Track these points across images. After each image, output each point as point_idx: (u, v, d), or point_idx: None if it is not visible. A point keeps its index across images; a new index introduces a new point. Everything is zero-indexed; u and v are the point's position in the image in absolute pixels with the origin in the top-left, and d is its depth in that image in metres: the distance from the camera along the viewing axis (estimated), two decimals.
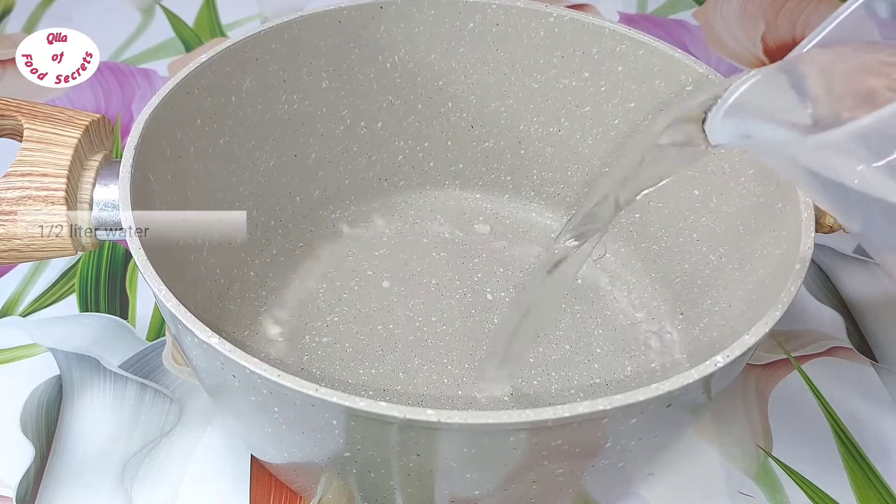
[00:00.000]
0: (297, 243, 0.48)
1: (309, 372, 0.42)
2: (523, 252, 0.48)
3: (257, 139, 0.45)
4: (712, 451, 0.43)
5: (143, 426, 0.43)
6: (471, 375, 0.42)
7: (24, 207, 0.34)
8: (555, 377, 0.42)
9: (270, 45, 0.43)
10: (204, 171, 0.42)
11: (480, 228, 0.50)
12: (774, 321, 0.31)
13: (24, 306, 0.48)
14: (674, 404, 0.30)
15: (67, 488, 0.40)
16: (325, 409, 0.28)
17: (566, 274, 0.37)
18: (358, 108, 0.48)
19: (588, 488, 0.35)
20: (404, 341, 0.43)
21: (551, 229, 0.50)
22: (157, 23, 0.71)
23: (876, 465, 0.42)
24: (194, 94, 0.40)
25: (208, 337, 0.29)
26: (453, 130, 0.50)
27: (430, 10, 0.46)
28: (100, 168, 0.36)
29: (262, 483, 0.41)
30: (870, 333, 0.49)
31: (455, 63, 0.48)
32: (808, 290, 0.51)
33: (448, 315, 0.45)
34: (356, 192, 0.50)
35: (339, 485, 0.36)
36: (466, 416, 0.27)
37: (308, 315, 0.44)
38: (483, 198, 0.51)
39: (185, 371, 0.45)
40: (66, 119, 0.36)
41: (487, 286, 0.46)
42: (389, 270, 0.47)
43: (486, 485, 0.32)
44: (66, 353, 0.46)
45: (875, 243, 0.26)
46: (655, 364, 0.43)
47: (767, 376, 0.46)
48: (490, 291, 0.46)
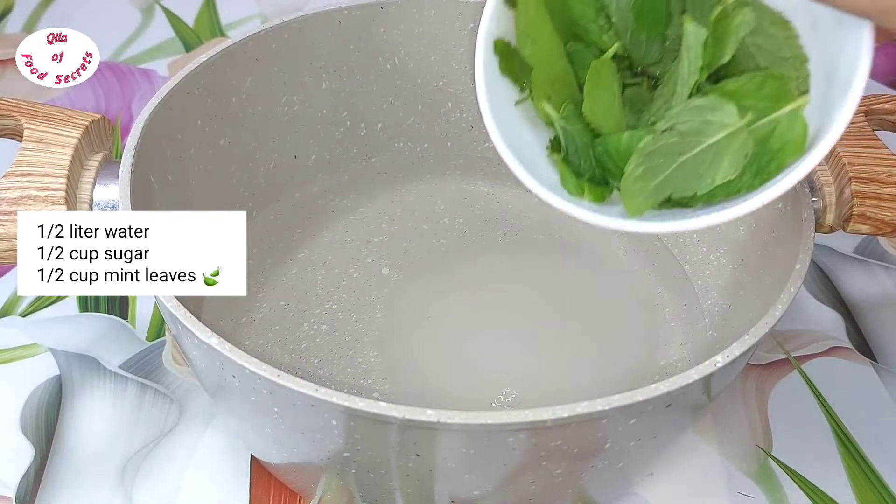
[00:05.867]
0: (295, 229, 0.48)
1: (307, 360, 0.42)
2: (525, 238, 0.48)
3: (257, 140, 0.45)
4: (712, 452, 0.43)
5: (143, 426, 0.43)
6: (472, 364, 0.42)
7: (24, 207, 0.34)
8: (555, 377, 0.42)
9: (270, 45, 0.43)
10: (204, 172, 0.42)
11: (481, 215, 0.50)
12: (774, 321, 0.31)
13: (24, 306, 0.48)
14: (673, 404, 0.30)
15: (67, 488, 0.40)
16: (324, 409, 0.28)
17: None
18: (358, 109, 0.48)
19: (587, 489, 0.35)
20: (404, 329, 0.43)
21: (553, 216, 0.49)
22: (157, 23, 0.71)
23: (875, 465, 0.42)
24: (194, 94, 0.40)
25: (208, 337, 0.29)
26: (453, 131, 0.50)
27: (430, 11, 0.46)
28: (100, 168, 0.36)
29: (262, 483, 0.41)
30: (870, 333, 0.49)
31: (455, 64, 0.48)
32: (808, 290, 0.51)
33: (449, 303, 0.45)
34: (356, 183, 0.50)
35: (339, 485, 0.36)
36: (466, 417, 0.27)
37: (306, 302, 0.44)
38: (484, 184, 0.51)
39: (185, 371, 0.45)
40: (66, 119, 0.36)
41: (488, 273, 0.46)
42: (389, 258, 0.47)
43: (486, 485, 0.32)
44: (65, 353, 0.46)
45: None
46: (656, 364, 0.43)
47: (767, 376, 0.46)
48: (491, 279, 0.46)
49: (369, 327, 0.43)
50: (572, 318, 0.45)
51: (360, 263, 0.46)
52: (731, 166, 0.27)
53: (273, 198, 0.48)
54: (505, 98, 0.32)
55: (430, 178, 0.51)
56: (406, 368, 0.41)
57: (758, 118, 0.27)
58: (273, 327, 0.43)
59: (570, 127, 0.31)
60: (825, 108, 0.27)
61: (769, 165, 0.27)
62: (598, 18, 0.31)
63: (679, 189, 0.28)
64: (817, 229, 0.37)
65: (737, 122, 0.27)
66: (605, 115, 0.30)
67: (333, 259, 0.47)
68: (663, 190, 0.28)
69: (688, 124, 0.27)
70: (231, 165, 0.44)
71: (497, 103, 0.31)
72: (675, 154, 0.28)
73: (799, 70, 0.28)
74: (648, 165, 0.28)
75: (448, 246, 0.48)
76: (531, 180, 0.30)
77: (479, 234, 0.48)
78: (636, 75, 0.32)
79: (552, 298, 0.45)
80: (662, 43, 0.31)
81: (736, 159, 0.27)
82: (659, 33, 0.31)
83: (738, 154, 0.27)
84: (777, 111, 0.27)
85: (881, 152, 0.38)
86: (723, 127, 0.27)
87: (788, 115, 0.27)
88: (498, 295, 0.45)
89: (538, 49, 0.31)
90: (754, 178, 0.27)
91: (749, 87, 0.27)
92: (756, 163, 0.27)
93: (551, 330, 0.44)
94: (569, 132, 0.31)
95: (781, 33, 0.28)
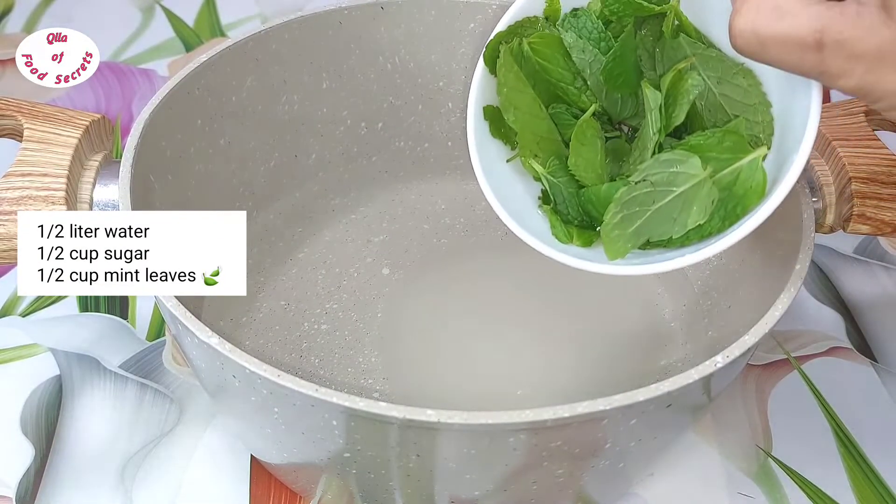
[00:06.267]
0: (295, 229, 0.48)
1: (307, 360, 0.42)
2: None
3: (257, 139, 0.45)
4: (712, 452, 0.42)
5: (143, 426, 0.43)
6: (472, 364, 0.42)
7: (24, 207, 0.34)
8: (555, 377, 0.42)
9: (270, 45, 0.43)
10: (204, 171, 0.42)
11: (482, 215, 0.49)
12: (774, 321, 0.31)
13: (24, 306, 0.48)
14: (674, 404, 0.30)
15: (67, 488, 0.40)
16: (324, 409, 0.28)
17: None
18: (358, 108, 0.48)
19: (588, 489, 0.35)
20: (405, 329, 0.43)
21: None
22: (157, 23, 0.71)
23: (875, 465, 0.42)
24: (194, 94, 0.40)
25: (208, 337, 0.29)
26: (454, 131, 0.50)
27: (430, 11, 0.46)
28: (100, 168, 0.36)
29: (262, 483, 0.41)
30: (870, 333, 0.49)
31: (455, 63, 0.48)
32: (808, 290, 0.51)
33: (449, 302, 0.45)
34: (356, 182, 0.50)
35: (339, 485, 0.36)
36: (466, 417, 0.27)
37: (307, 302, 0.44)
38: None
39: (185, 371, 0.45)
40: (66, 119, 0.36)
41: (489, 273, 0.46)
42: (389, 257, 0.47)
43: (486, 485, 0.32)
44: (66, 353, 0.46)
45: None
46: (656, 364, 0.43)
47: (767, 376, 0.46)
48: (492, 278, 0.46)
49: (370, 327, 0.43)
50: (572, 317, 0.45)
51: (360, 263, 0.46)
52: (700, 212, 0.30)
53: (273, 197, 0.48)
54: (496, 156, 0.36)
55: (431, 177, 0.51)
56: (407, 368, 0.41)
57: (720, 169, 0.30)
58: (273, 327, 0.43)
59: (556, 180, 0.35)
60: (783, 152, 0.30)
61: (735, 209, 0.30)
62: (575, 81, 0.35)
63: (655, 234, 0.31)
64: (817, 229, 0.37)
65: (701, 173, 0.30)
66: (589, 169, 0.34)
67: (334, 258, 0.47)
68: (641, 235, 0.31)
69: (658, 176, 0.30)
70: (231, 165, 0.44)
71: (488, 162, 0.35)
72: (648, 202, 0.31)
73: (764, 115, 0.31)
74: (626, 213, 0.31)
75: (449, 245, 0.48)
76: (523, 232, 0.33)
77: (479, 234, 0.48)
78: (615, 128, 0.36)
79: (552, 298, 0.45)
80: (636, 99, 0.35)
81: (704, 206, 0.30)
82: (631, 93, 0.35)
83: (705, 201, 0.30)
84: (737, 162, 0.30)
85: (881, 152, 0.38)
86: (689, 178, 0.30)
87: (749, 165, 0.30)
88: (498, 294, 0.45)
89: (521, 115, 0.35)
90: (723, 221, 0.30)
91: (711, 142, 0.31)
92: (723, 207, 0.30)
93: (551, 329, 0.44)
94: (555, 185, 0.35)
95: (745, 82, 0.31)
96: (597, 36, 0.34)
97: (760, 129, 0.31)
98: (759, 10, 0.25)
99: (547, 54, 0.35)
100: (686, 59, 0.32)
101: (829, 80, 0.25)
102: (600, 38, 0.34)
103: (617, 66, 0.33)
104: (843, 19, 0.24)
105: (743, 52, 0.26)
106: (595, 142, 0.34)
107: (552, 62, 0.35)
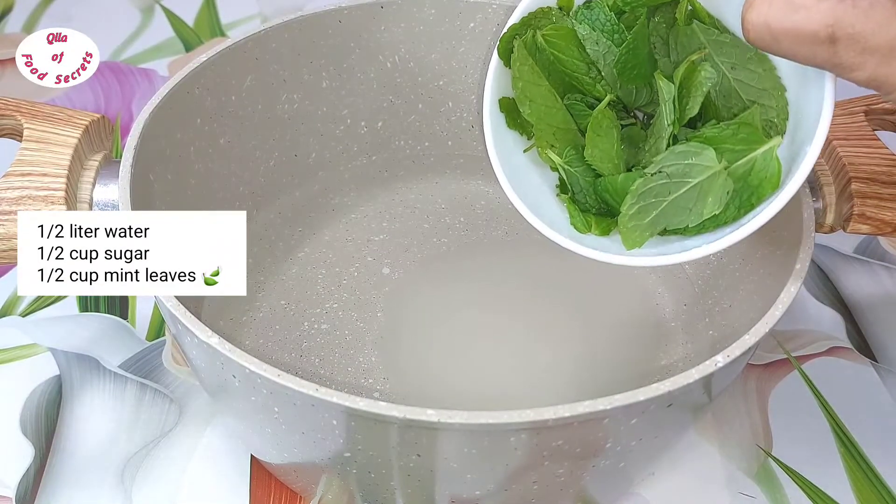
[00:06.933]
0: (295, 228, 0.48)
1: (308, 360, 0.42)
2: (526, 237, 0.48)
3: (257, 139, 0.45)
4: (713, 452, 0.43)
5: (143, 426, 0.43)
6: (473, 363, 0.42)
7: (24, 207, 0.34)
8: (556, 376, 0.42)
9: (270, 44, 0.43)
10: (204, 171, 0.42)
11: (482, 214, 0.49)
12: (774, 321, 0.31)
13: (24, 306, 0.48)
14: (674, 404, 0.30)
15: (67, 488, 0.40)
16: (325, 409, 0.28)
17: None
18: (358, 107, 0.48)
19: (589, 488, 0.35)
20: (405, 328, 0.43)
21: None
22: (157, 22, 0.71)
23: (875, 465, 0.42)
24: (194, 94, 0.40)
25: (208, 337, 0.29)
26: (454, 130, 0.50)
27: (430, 10, 0.46)
28: (100, 168, 0.36)
29: (262, 483, 0.41)
30: (870, 333, 0.49)
31: (455, 63, 0.48)
32: (808, 290, 0.51)
33: (450, 301, 0.45)
34: (356, 181, 0.50)
35: (339, 485, 0.36)
36: (467, 417, 0.27)
37: (307, 301, 0.44)
38: (484, 183, 0.51)
39: (185, 371, 0.45)
40: (66, 119, 0.36)
41: (489, 273, 0.46)
42: (390, 256, 0.47)
43: (487, 485, 0.32)
44: (65, 352, 0.46)
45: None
46: (656, 364, 0.43)
47: (767, 376, 0.46)
48: (492, 278, 0.46)
49: (370, 326, 0.43)
50: (573, 317, 0.45)
51: (360, 262, 0.46)
52: (716, 202, 0.31)
53: (273, 196, 0.48)
54: (512, 148, 0.37)
55: (431, 176, 0.51)
56: (407, 368, 0.41)
57: (734, 160, 0.31)
58: (273, 327, 0.43)
59: (573, 170, 0.35)
60: (797, 142, 0.30)
61: (750, 199, 0.30)
62: (589, 71, 0.35)
63: (671, 224, 0.32)
64: (817, 229, 0.37)
65: (716, 165, 0.30)
66: (605, 159, 0.34)
67: (334, 258, 0.46)
68: (657, 225, 0.32)
69: (674, 167, 0.31)
70: (231, 164, 0.44)
71: (505, 155, 0.36)
72: (664, 193, 0.31)
73: (779, 100, 0.31)
74: (642, 204, 0.32)
75: (449, 244, 0.48)
76: (540, 223, 0.34)
77: (479, 233, 0.48)
78: (630, 115, 0.36)
79: (553, 297, 0.45)
80: (651, 88, 0.35)
81: (719, 196, 0.30)
82: (645, 84, 0.35)
83: (721, 192, 0.30)
84: (751, 153, 0.30)
85: (881, 152, 0.38)
86: (704, 169, 0.31)
87: (763, 155, 0.30)
88: (499, 294, 0.45)
89: (537, 107, 0.35)
90: (738, 210, 0.31)
91: (726, 134, 0.31)
92: (738, 197, 0.31)
93: (552, 329, 0.44)
94: (573, 174, 0.35)
95: (760, 67, 0.31)
96: (610, 28, 0.34)
97: (775, 113, 0.31)
98: (771, 3, 0.25)
99: (561, 46, 0.35)
100: (699, 51, 0.32)
101: (842, 73, 0.26)
102: (613, 30, 0.34)
103: (630, 59, 0.33)
104: (855, 13, 0.24)
105: (756, 44, 0.26)
106: (611, 132, 0.34)
107: (566, 53, 0.35)
